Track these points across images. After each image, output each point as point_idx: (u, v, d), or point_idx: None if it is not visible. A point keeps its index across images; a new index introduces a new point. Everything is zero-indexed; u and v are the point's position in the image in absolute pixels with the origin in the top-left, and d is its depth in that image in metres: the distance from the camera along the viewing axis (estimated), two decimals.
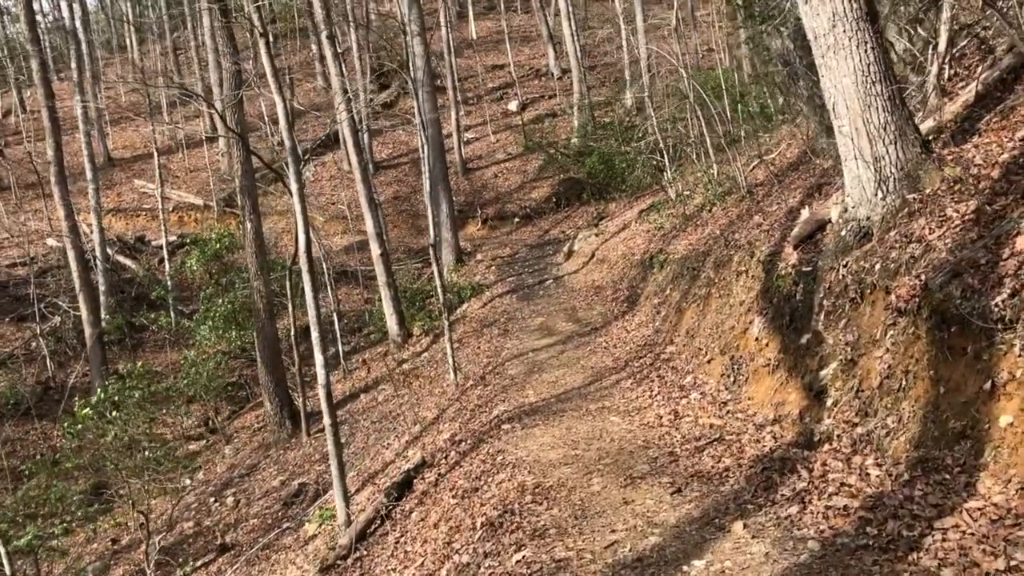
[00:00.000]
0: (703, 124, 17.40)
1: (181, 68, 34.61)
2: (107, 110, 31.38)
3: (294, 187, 8.92)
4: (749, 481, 6.25)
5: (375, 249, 18.85)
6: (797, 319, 7.76)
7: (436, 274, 13.63)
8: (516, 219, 27.31)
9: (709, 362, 9.53)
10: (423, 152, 15.04)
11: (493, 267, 22.65)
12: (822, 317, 7.29)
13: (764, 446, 6.91)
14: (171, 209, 27.09)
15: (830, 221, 8.44)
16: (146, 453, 14.77)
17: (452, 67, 29.92)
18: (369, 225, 18.90)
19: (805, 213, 9.06)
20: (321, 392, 9.00)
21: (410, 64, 24.17)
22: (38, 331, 20.24)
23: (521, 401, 10.60)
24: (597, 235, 21.59)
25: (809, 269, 7.96)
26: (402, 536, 8.33)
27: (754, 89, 17.37)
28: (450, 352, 13.25)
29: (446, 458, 9.58)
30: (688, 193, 17.95)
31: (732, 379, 8.71)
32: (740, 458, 6.83)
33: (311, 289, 8.80)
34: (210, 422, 19.78)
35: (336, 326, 19.35)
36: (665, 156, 18.98)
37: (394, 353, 18.76)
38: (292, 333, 16.19)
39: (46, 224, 22.70)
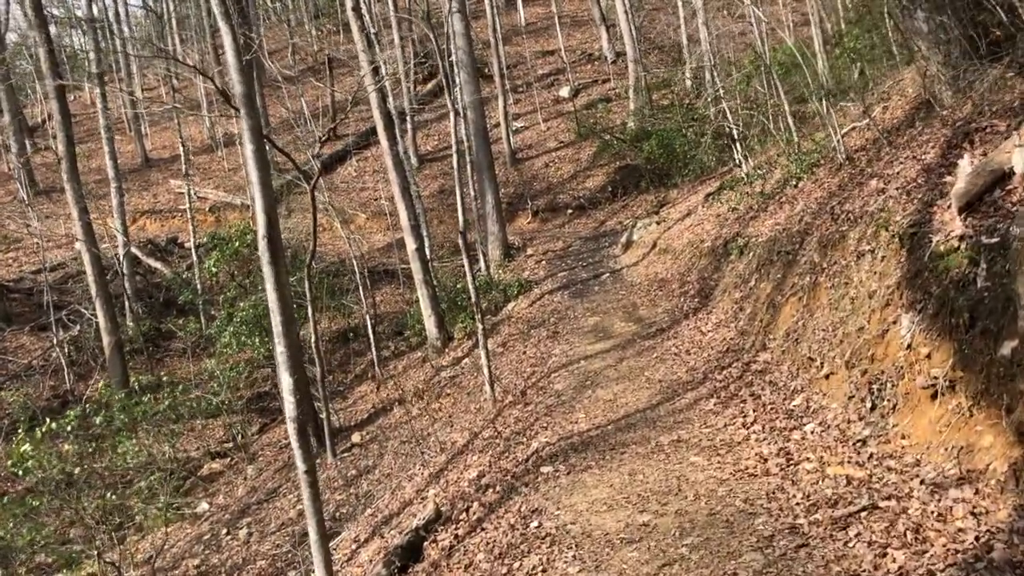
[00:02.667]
0: (780, 92, 14.43)
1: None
2: (145, 111, 29.50)
3: (249, 148, 6.35)
4: None
5: (410, 244, 16.24)
6: (983, 316, 4.84)
7: (467, 268, 10.91)
8: (569, 210, 24.47)
9: (827, 378, 6.63)
10: (452, 128, 12.38)
11: (544, 262, 19.87)
12: None
13: (960, 530, 4.03)
14: (207, 209, 24.90)
15: (1012, 172, 5.52)
16: (135, 484, 12.42)
17: (499, 53, 27.20)
18: (403, 217, 16.28)
19: (964, 165, 6.12)
20: (290, 428, 6.38)
21: (450, 45, 21.57)
22: (55, 340, 18.07)
23: (568, 429, 7.83)
24: (658, 223, 18.69)
25: (994, 241, 5.05)
26: None
27: (854, 31, 14.21)
28: (486, 364, 10.53)
29: (467, 511, 6.85)
30: (762, 171, 14.97)
31: (868, 405, 5.81)
32: (922, 552, 3.97)
33: (273, 285, 6.20)
34: (238, 437, 17.42)
35: (370, 330, 16.78)
36: (735, 131, 16.00)
37: (432, 359, 16.13)
38: (314, 340, 13.63)
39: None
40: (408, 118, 26.06)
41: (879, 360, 5.91)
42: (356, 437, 14.69)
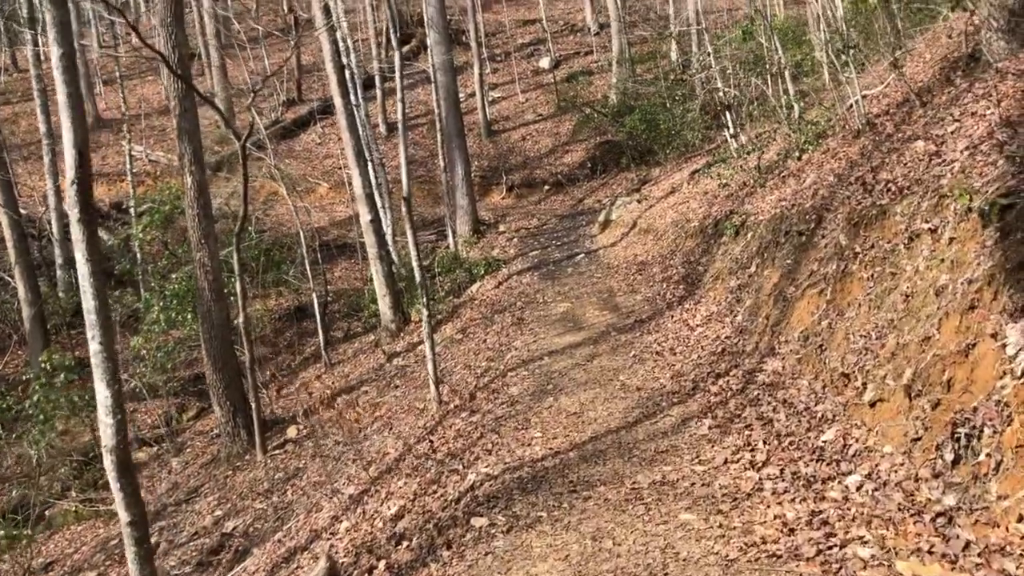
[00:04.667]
0: (781, 49, 12.45)
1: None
2: (98, 68, 27.16)
3: (55, 53, 4.21)
4: None
5: (364, 215, 14.14)
6: None
7: (411, 243, 8.81)
8: (546, 187, 22.39)
9: (873, 406, 4.63)
10: (397, 71, 10.28)
11: (515, 239, 17.83)
12: None
13: None
14: (158, 173, 22.63)
15: None
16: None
17: (476, 19, 24.93)
18: (357, 185, 14.15)
19: None
20: (107, 462, 4.28)
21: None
22: None
23: (518, 454, 5.81)
24: (639, 201, 16.69)
25: None
26: None
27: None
28: (430, 359, 8.45)
29: (370, 574, 4.84)
30: (757, 144, 12.94)
31: (949, 456, 3.81)
32: None
33: (85, 254, 4.09)
34: (172, 422, 15.35)
35: (317, 311, 14.71)
36: (728, 93, 13.99)
37: (385, 344, 14.09)
38: (241, 319, 11.49)
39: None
40: (377, 82, 23.83)
41: (962, 388, 3.91)
42: (292, 431, 12.64)
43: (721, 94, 13.89)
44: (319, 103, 25.07)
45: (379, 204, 15.59)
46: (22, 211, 20.34)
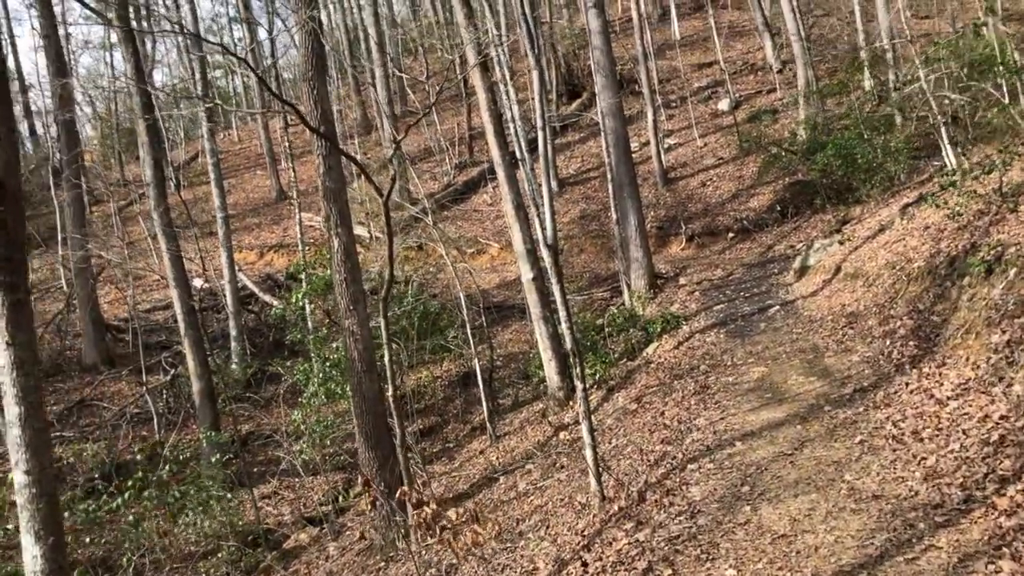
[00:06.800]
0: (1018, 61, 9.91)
1: (364, 100, 30.38)
2: (285, 146, 27.83)
3: None
4: None
5: (525, 273, 12.65)
6: None
7: (558, 296, 7.09)
8: (730, 234, 20.09)
9: None
10: (536, 87, 8.71)
11: (697, 293, 15.68)
12: None
13: None
14: None
15: None
16: None
17: (647, 65, 23.22)
18: (517, 240, 12.72)
19: None
20: None
21: (589, 47, 18.02)
22: (145, 386, 15.61)
23: None
24: (841, 243, 14.14)
25: None
26: None
27: None
28: (589, 447, 6.65)
29: None
30: (989, 167, 10.27)
31: None
32: None
33: (4, 334, 2.42)
34: (339, 498, 14.24)
35: (479, 380, 13.22)
36: (954, 102, 11.45)
37: (552, 414, 12.37)
38: (390, 391, 10.14)
39: (196, 265, 18.10)
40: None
41: None
42: (452, 514, 11.01)
43: (946, 102, 11.34)
44: (489, 164, 24.21)
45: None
46: (206, 284, 20.55)
